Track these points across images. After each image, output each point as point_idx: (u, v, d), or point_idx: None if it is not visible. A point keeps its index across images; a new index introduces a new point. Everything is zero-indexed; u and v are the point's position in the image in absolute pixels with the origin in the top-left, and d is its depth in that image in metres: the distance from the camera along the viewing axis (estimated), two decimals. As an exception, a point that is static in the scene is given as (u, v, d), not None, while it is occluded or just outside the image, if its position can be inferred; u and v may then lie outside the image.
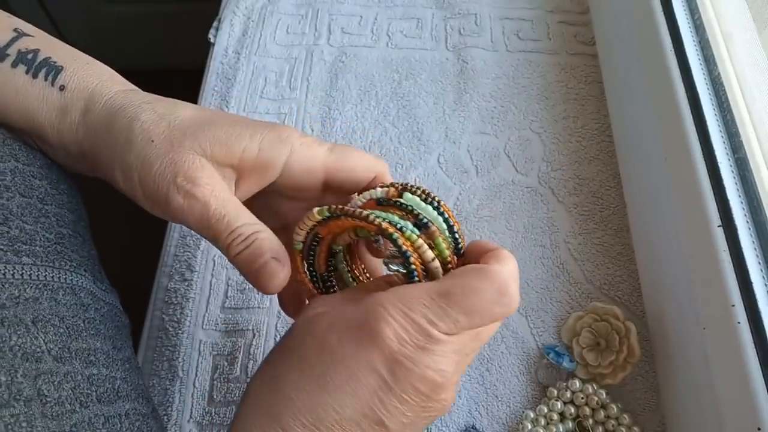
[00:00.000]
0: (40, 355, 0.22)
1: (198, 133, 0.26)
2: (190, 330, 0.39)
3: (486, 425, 0.36)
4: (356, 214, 0.25)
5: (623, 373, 0.36)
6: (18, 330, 0.22)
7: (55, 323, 0.24)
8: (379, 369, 0.22)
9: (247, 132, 0.27)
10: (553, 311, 0.40)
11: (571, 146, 0.46)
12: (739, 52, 0.38)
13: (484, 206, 0.44)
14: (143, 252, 0.50)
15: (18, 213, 0.25)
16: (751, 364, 0.28)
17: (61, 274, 0.26)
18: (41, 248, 0.26)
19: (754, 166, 0.33)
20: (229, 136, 0.26)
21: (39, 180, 0.27)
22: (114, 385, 0.25)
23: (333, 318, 0.24)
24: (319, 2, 0.55)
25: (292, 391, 0.23)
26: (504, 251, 0.26)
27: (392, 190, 0.27)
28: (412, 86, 0.49)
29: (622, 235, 0.42)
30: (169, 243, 0.43)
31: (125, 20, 1.19)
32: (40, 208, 0.27)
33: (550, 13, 0.53)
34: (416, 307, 0.23)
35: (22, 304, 0.23)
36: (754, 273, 0.30)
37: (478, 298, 0.23)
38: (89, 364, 0.24)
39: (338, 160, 0.28)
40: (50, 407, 0.21)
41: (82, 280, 0.27)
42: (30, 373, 0.21)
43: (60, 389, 0.22)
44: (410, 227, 0.25)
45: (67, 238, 0.28)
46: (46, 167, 0.28)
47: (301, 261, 0.28)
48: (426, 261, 0.25)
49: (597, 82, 0.49)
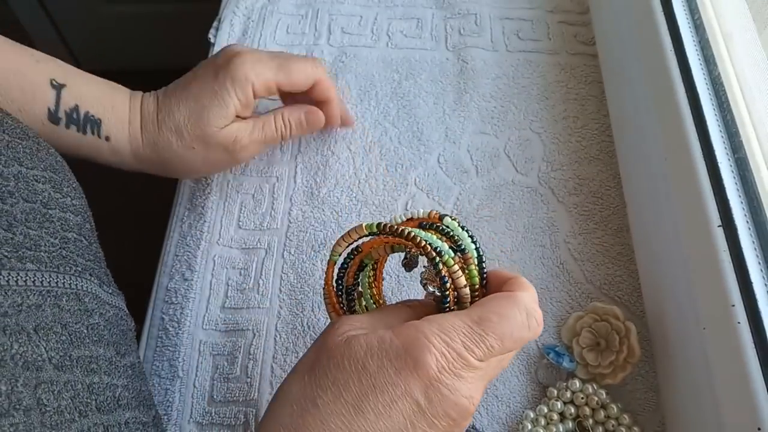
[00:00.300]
0: (41, 363, 0.22)
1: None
2: (190, 330, 0.39)
3: (486, 425, 0.36)
4: (405, 234, 0.26)
5: (623, 373, 0.36)
6: (20, 338, 0.22)
7: (57, 330, 0.24)
8: (416, 395, 0.23)
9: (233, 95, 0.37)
10: (553, 311, 0.40)
11: (571, 146, 0.46)
12: (739, 52, 0.38)
13: (484, 206, 0.44)
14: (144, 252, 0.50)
15: (22, 219, 0.26)
16: (751, 364, 0.28)
17: (66, 279, 0.26)
18: (46, 254, 0.26)
19: (754, 166, 0.33)
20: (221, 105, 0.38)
21: (42, 184, 0.28)
22: (115, 393, 0.25)
23: (371, 343, 0.24)
24: (319, 2, 0.55)
25: (328, 416, 0.23)
26: (523, 279, 0.27)
27: (433, 213, 0.29)
28: (412, 86, 0.49)
29: (622, 235, 0.42)
30: (169, 243, 0.43)
31: (125, 20, 1.19)
32: (44, 212, 0.27)
33: (550, 13, 0.53)
34: (456, 335, 0.24)
35: (25, 311, 0.23)
36: (754, 273, 0.30)
37: (511, 324, 0.25)
38: (90, 372, 0.24)
39: (286, 77, 0.39)
40: (49, 416, 0.21)
41: (88, 285, 0.27)
42: (30, 382, 0.21)
43: (59, 398, 0.22)
44: (447, 250, 0.27)
45: (72, 242, 0.28)
46: (50, 170, 0.29)
47: (332, 271, 0.29)
48: (459, 287, 0.26)
49: (597, 82, 0.49)
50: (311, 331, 0.39)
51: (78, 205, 0.30)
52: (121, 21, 1.20)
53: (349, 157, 0.46)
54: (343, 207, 0.44)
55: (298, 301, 0.40)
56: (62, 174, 0.30)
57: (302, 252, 0.42)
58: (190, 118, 0.37)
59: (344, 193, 0.44)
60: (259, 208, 0.44)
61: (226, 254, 0.42)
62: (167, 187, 0.45)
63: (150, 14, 1.18)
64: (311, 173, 0.46)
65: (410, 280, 0.41)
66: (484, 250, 0.29)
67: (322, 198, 0.44)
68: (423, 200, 0.44)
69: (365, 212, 0.44)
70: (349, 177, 0.45)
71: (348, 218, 0.43)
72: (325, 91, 0.42)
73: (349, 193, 0.44)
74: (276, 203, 0.44)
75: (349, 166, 0.46)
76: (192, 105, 0.37)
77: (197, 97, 0.37)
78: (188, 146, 0.37)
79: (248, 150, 0.40)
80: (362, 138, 0.47)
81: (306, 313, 0.40)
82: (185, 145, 0.37)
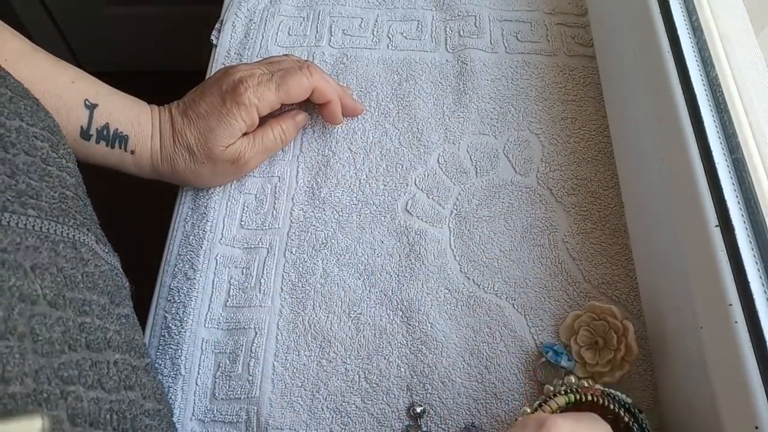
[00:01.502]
0: (35, 298, 0.23)
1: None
2: (192, 328, 0.40)
3: (485, 423, 0.37)
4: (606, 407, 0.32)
5: (621, 371, 0.36)
6: (17, 273, 0.23)
7: (52, 272, 0.25)
8: None
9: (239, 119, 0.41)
10: (551, 310, 0.40)
11: (569, 147, 0.46)
12: (736, 53, 0.38)
13: (483, 206, 0.44)
14: (147, 251, 0.51)
15: (24, 169, 0.27)
16: (749, 363, 0.28)
17: (64, 229, 0.27)
18: (46, 204, 0.27)
19: (751, 166, 0.34)
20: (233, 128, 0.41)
21: (41, 141, 0.29)
22: (106, 335, 0.26)
23: None
24: (320, 4, 0.55)
25: None
26: None
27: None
28: (412, 87, 0.50)
29: (620, 234, 0.42)
30: (172, 242, 0.44)
31: (127, 22, 1.20)
32: (44, 168, 0.28)
33: (548, 15, 0.53)
34: None
35: (23, 251, 0.24)
36: (751, 272, 0.30)
37: None
38: (82, 314, 0.25)
39: (286, 95, 0.42)
40: (41, 345, 0.22)
41: (84, 238, 0.29)
42: (25, 313, 0.22)
43: (51, 331, 0.23)
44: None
45: (71, 199, 0.29)
46: (48, 130, 0.30)
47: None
48: None
49: (595, 84, 0.49)
50: (312, 330, 0.40)
51: (72, 168, 0.32)
52: (123, 23, 1.20)
53: (350, 158, 0.46)
54: (344, 207, 0.44)
55: (299, 299, 0.41)
56: (58, 137, 0.31)
57: (303, 251, 0.43)
58: (200, 138, 0.41)
59: (345, 193, 0.45)
60: (261, 207, 0.44)
61: (228, 253, 0.43)
62: (171, 188, 0.46)
63: (152, 16, 1.18)
64: (312, 173, 0.46)
65: (409, 278, 0.41)
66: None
67: (323, 198, 0.45)
68: (423, 200, 0.44)
69: (366, 212, 0.44)
70: (349, 177, 0.46)
71: (349, 218, 0.44)
72: (323, 96, 0.44)
73: (350, 193, 0.45)
74: (278, 203, 0.45)
75: (349, 166, 0.46)
76: (202, 126, 0.40)
77: (206, 120, 0.40)
78: (199, 162, 0.41)
79: (253, 161, 0.44)
80: (363, 138, 0.47)
81: (307, 311, 0.40)
82: (196, 161, 0.41)
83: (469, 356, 0.39)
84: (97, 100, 0.39)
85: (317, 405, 0.37)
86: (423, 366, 0.38)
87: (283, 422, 0.37)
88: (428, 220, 0.44)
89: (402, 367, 0.38)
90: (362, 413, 0.37)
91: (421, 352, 0.39)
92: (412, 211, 0.44)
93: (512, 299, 0.40)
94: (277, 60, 0.44)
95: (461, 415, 0.37)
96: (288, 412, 0.37)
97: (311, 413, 0.37)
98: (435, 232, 0.43)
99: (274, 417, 0.37)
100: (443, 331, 0.39)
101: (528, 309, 0.40)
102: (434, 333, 0.39)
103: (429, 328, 0.39)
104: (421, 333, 0.39)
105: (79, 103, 0.38)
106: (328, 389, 0.38)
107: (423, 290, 0.41)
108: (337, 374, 0.38)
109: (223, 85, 0.41)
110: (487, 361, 0.38)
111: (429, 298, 0.40)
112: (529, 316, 0.40)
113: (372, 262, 0.42)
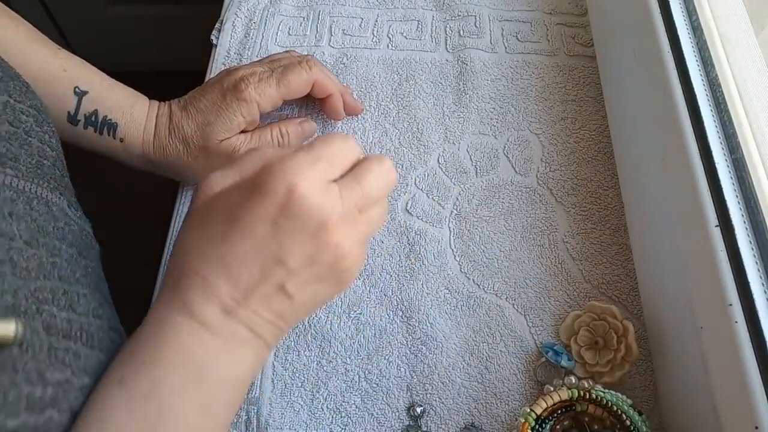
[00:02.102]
0: (12, 236, 0.25)
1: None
2: (191, 329, 0.40)
3: (485, 423, 0.37)
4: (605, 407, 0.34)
5: (621, 371, 0.36)
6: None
7: (27, 220, 0.27)
8: (271, 212, 0.26)
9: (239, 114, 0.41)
10: (551, 310, 0.40)
11: (569, 147, 0.46)
12: (736, 53, 0.38)
13: (483, 206, 0.44)
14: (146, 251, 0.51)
15: (5, 137, 0.28)
16: (749, 363, 0.28)
17: (39, 189, 0.29)
18: (24, 167, 0.29)
19: (751, 166, 0.34)
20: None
21: (27, 116, 0.30)
22: (75, 275, 0.28)
23: (224, 183, 0.28)
24: (320, 4, 0.55)
25: (201, 251, 0.27)
26: None
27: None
28: (412, 87, 0.50)
29: (620, 234, 0.42)
30: (170, 244, 0.43)
31: (127, 22, 1.20)
32: (25, 138, 0.30)
33: (548, 15, 0.53)
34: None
35: (0, 200, 0.26)
36: (751, 272, 0.30)
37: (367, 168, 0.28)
38: (53, 255, 0.27)
39: (286, 89, 0.42)
40: (18, 271, 0.25)
41: (57, 200, 0.31)
42: (3, 245, 0.25)
43: (28, 261, 0.25)
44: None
45: (47, 168, 0.31)
46: (35, 109, 0.31)
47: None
48: None
49: (595, 84, 0.49)
50: (312, 329, 0.40)
51: (54, 144, 0.33)
52: (123, 22, 1.20)
53: (350, 158, 0.46)
54: (344, 207, 0.44)
55: (298, 300, 0.41)
56: (44, 115, 0.32)
57: (303, 252, 0.42)
58: (196, 131, 0.41)
59: (345, 194, 0.45)
60: (261, 208, 0.44)
61: (227, 254, 0.43)
62: (170, 186, 0.46)
63: (152, 16, 1.18)
64: (312, 174, 0.46)
65: (409, 278, 0.41)
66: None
67: (323, 198, 0.45)
68: (423, 200, 0.44)
69: (365, 212, 0.44)
70: (349, 177, 0.45)
71: (348, 218, 0.44)
72: (324, 89, 0.44)
73: (350, 194, 0.45)
74: (277, 203, 0.45)
75: (349, 166, 0.46)
76: (200, 120, 0.41)
77: (205, 114, 0.41)
78: (193, 155, 0.42)
79: None
80: (363, 138, 0.47)
81: (307, 312, 0.40)
82: (190, 153, 0.41)
83: (469, 356, 0.39)
84: (88, 88, 0.40)
85: (317, 405, 0.37)
86: (423, 366, 0.38)
87: (283, 422, 0.37)
88: (428, 220, 0.44)
89: (402, 367, 0.38)
90: (362, 413, 0.37)
91: (421, 352, 0.39)
92: (412, 211, 0.44)
93: (512, 299, 0.40)
94: (278, 57, 0.45)
95: (461, 415, 0.37)
96: (288, 412, 0.37)
97: (311, 413, 0.37)
98: (435, 232, 0.43)
99: (274, 417, 0.37)
100: (443, 331, 0.39)
101: (528, 309, 0.40)
102: (434, 333, 0.39)
103: (429, 328, 0.39)
104: (421, 333, 0.39)
105: (68, 90, 0.39)
106: (328, 389, 0.38)
107: (423, 290, 0.41)
108: (337, 374, 0.38)
109: (225, 83, 0.41)
110: (487, 361, 0.38)
111: (429, 298, 0.40)
112: (529, 316, 0.40)
113: (372, 262, 0.42)
